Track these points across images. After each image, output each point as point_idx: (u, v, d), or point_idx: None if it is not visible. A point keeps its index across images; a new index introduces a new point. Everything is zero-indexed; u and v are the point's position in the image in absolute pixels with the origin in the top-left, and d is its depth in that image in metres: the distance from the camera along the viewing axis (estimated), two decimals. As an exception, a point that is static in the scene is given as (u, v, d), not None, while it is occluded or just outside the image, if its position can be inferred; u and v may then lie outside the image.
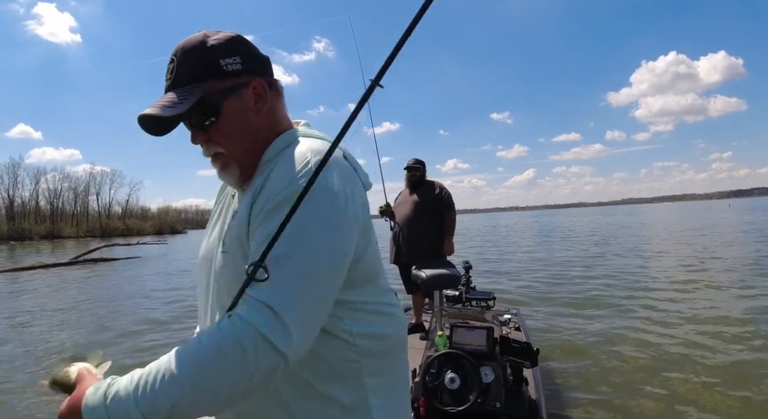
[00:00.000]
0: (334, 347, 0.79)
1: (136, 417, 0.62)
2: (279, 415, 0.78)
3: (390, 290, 0.91)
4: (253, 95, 0.83)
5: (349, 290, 0.79)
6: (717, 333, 4.70)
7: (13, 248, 38.81)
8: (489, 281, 8.73)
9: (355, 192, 0.78)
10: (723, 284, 7.25)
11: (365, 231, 0.81)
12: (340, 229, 0.73)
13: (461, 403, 2.28)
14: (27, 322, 7.21)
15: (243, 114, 0.83)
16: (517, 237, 24.30)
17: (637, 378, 3.68)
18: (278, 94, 0.89)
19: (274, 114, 0.87)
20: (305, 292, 0.68)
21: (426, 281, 3.04)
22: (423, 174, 4.47)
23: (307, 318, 0.68)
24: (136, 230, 77.82)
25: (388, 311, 0.86)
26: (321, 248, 0.70)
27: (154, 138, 0.89)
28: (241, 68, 0.82)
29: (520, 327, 3.61)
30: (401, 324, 0.91)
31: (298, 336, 0.66)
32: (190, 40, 0.81)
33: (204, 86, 0.79)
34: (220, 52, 0.80)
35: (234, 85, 0.81)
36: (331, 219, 0.72)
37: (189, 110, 0.78)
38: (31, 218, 70.60)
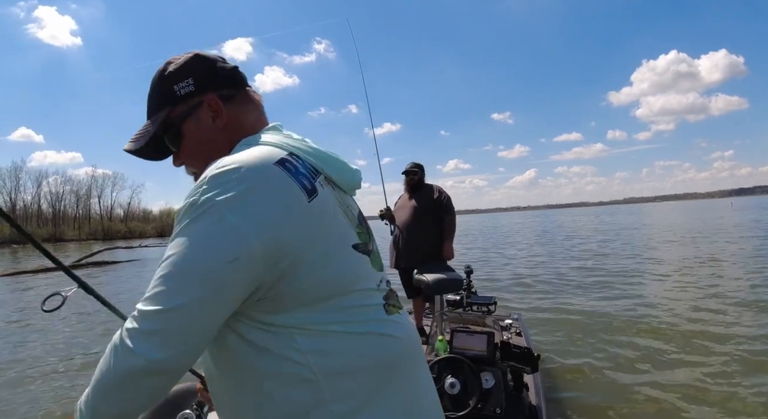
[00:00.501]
0: (281, 363, 0.74)
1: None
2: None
3: (374, 306, 0.82)
4: (210, 113, 0.86)
5: (299, 311, 0.73)
6: (723, 339, 4.64)
7: (16, 251, 38.86)
8: (490, 285, 8.72)
9: (266, 207, 0.70)
10: (731, 288, 7.16)
11: (292, 246, 0.72)
12: (219, 246, 0.68)
13: (461, 408, 2.27)
14: (28, 323, 7.22)
15: (201, 133, 0.87)
16: (518, 238, 24.26)
17: (640, 384, 3.66)
18: (245, 104, 0.89)
19: (236, 125, 0.87)
20: (164, 299, 0.67)
21: (428, 285, 3.03)
22: (421, 178, 4.46)
23: (171, 319, 0.67)
24: (138, 232, 77.94)
25: (360, 330, 0.77)
26: (193, 261, 0.68)
27: (169, 154, 0.92)
28: (194, 89, 0.86)
29: (521, 332, 3.60)
30: (384, 342, 0.80)
31: (154, 335, 0.66)
32: (156, 72, 0.89)
33: (162, 114, 0.86)
34: (174, 78, 0.86)
35: (189, 107, 0.86)
36: (209, 235, 0.68)
37: (158, 137, 0.87)
38: (33, 221, 70.69)
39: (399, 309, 0.87)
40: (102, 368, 0.69)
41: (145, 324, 0.66)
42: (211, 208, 0.68)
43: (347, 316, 0.76)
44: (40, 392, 4.24)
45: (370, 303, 0.80)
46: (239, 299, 0.71)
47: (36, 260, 23.31)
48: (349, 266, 0.79)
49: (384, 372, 0.78)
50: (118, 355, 0.67)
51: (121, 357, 0.67)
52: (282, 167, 0.74)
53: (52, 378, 4.61)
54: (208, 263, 0.68)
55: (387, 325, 0.81)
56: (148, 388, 0.69)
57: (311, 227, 0.73)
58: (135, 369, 0.66)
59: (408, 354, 0.83)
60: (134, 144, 0.87)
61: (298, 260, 0.72)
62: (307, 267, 0.73)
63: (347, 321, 0.76)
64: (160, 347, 0.66)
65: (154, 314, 0.66)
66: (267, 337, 0.74)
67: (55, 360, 5.28)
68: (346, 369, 0.75)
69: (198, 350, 0.71)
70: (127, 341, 0.66)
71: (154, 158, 0.92)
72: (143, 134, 0.87)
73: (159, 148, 0.90)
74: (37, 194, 74.88)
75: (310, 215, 0.74)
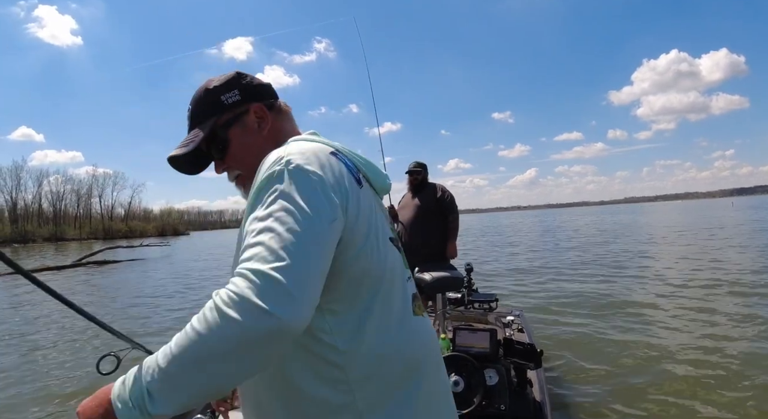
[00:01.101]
0: (314, 353, 0.76)
1: (143, 395, 0.62)
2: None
3: (404, 301, 0.85)
4: (256, 119, 0.94)
5: (339, 293, 0.76)
6: (729, 337, 4.62)
7: (17, 251, 38.95)
8: (491, 283, 8.72)
9: (338, 183, 0.76)
10: (737, 287, 7.10)
11: (356, 228, 0.77)
12: (317, 205, 0.71)
13: (465, 406, 2.27)
14: (31, 323, 7.23)
15: (247, 137, 0.93)
16: (519, 237, 24.28)
17: (643, 379, 3.66)
18: (282, 113, 0.98)
19: (278, 131, 0.95)
20: (291, 256, 0.64)
21: (429, 283, 3.03)
22: (425, 177, 4.47)
23: (294, 276, 0.63)
24: (139, 231, 78.09)
25: (393, 327, 0.81)
26: (300, 221, 0.68)
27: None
28: (240, 99, 0.93)
29: (524, 328, 3.60)
30: (411, 342, 0.83)
31: (285, 294, 0.61)
32: (198, 89, 0.96)
33: (210, 122, 0.92)
34: (220, 90, 0.93)
35: (235, 115, 0.93)
36: (307, 196, 0.71)
37: (205, 145, 0.93)
38: (34, 220, 70.88)
39: (423, 312, 0.92)
40: (209, 325, 0.61)
41: (270, 283, 0.61)
42: (299, 176, 0.73)
43: (381, 307, 0.80)
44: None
45: (403, 297, 0.86)
46: (329, 264, 0.73)
47: (37, 260, 23.37)
48: (388, 256, 0.85)
49: (409, 372, 0.81)
50: (241, 315, 0.59)
51: (248, 318, 0.59)
52: (335, 157, 0.82)
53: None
54: (316, 224, 0.70)
55: (414, 325, 0.85)
56: (274, 351, 0.63)
57: (361, 209, 0.80)
58: (270, 330, 0.60)
59: (429, 355, 0.87)
60: (184, 149, 0.92)
61: (353, 238, 0.78)
62: (358, 244, 0.78)
63: (380, 313, 0.79)
64: (294, 306, 0.61)
65: (278, 272, 0.62)
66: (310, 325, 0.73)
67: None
68: (373, 367, 0.77)
69: (312, 313, 0.66)
70: (255, 300, 0.60)
71: (192, 171, 0.99)
72: (192, 139, 0.92)
73: (199, 160, 0.97)
74: (37, 194, 75.11)
75: (360, 199, 0.81)
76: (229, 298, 0.61)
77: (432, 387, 0.86)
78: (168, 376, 0.62)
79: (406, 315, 0.85)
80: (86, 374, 4.53)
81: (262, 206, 0.71)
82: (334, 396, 0.75)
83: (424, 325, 0.89)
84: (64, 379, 4.50)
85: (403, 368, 0.80)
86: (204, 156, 0.97)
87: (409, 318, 0.85)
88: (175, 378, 0.62)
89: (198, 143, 0.91)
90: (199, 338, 0.61)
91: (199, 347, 0.61)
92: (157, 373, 0.62)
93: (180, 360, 0.61)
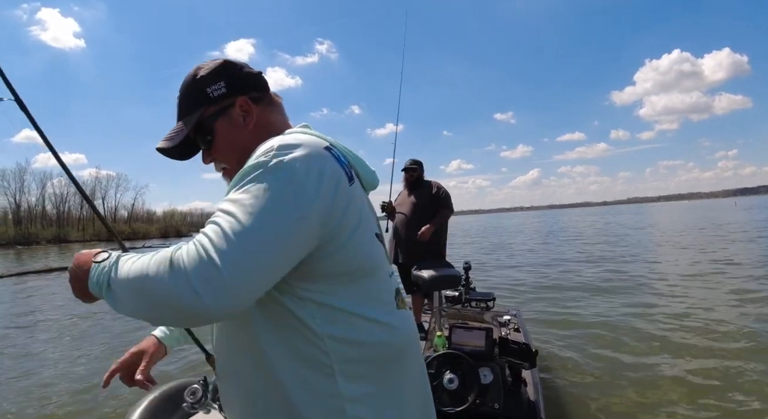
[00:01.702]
0: (300, 341, 0.78)
1: (103, 280, 0.75)
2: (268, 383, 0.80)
3: (388, 294, 0.88)
4: (241, 113, 0.93)
5: (326, 284, 0.79)
6: (731, 339, 4.60)
7: (21, 253, 39.08)
8: (489, 282, 8.73)
9: (325, 176, 0.77)
10: (736, 287, 7.10)
11: (341, 222, 0.79)
12: (290, 201, 0.72)
13: (460, 404, 2.29)
14: (34, 324, 7.28)
15: (232, 131, 0.94)
16: (520, 238, 24.24)
17: (639, 381, 3.68)
18: (271, 106, 0.98)
19: (266, 124, 0.95)
20: (241, 246, 0.67)
21: (426, 281, 3.05)
22: (420, 174, 4.48)
23: (239, 272, 0.67)
24: (142, 233, 78.06)
25: (378, 318, 0.83)
26: (266, 212, 0.70)
27: (159, 140, 0.97)
28: (226, 92, 0.93)
29: (520, 328, 3.62)
30: (395, 333, 0.86)
31: (218, 282, 0.65)
32: (186, 77, 0.95)
33: (196, 114, 0.93)
34: (206, 82, 0.93)
35: (221, 107, 0.93)
36: (282, 189, 0.72)
37: (192, 135, 0.94)
38: (37, 222, 70.99)
39: (406, 307, 0.94)
40: (158, 271, 0.68)
41: (209, 266, 0.65)
42: (282, 168, 0.74)
43: (367, 299, 0.83)
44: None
45: (387, 290, 0.89)
46: (293, 260, 0.75)
47: (41, 260, 23.45)
48: (374, 251, 0.87)
49: (389, 362, 0.85)
50: (175, 283, 0.66)
51: (178, 288, 0.66)
52: (329, 151, 0.82)
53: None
54: (281, 217, 0.72)
55: (397, 317, 0.88)
56: (180, 319, 0.72)
57: (350, 206, 0.81)
58: (185, 303, 0.66)
59: (410, 348, 0.91)
60: (169, 142, 0.94)
61: (340, 233, 0.79)
62: (345, 241, 0.80)
63: (365, 304, 0.83)
64: (221, 296, 0.66)
65: (221, 258, 0.66)
66: (292, 305, 0.78)
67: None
68: (358, 356, 0.80)
69: (245, 306, 0.71)
70: (192, 277, 0.65)
71: (181, 158, 0.99)
72: (177, 133, 0.94)
73: (187, 148, 0.97)
74: (41, 196, 75.10)
75: (350, 196, 0.82)
76: (179, 260, 0.68)
77: (412, 378, 0.90)
78: (120, 283, 0.73)
79: (391, 308, 0.88)
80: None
81: (238, 189, 0.74)
82: (320, 384, 0.78)
83: (407, 319, 0.91)
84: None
85: (386, 358, 0.84)
86: (193, 144, 0.97)
87: (393, 311, 0.88)
88: (123, 290, 0.73)
89: (183, 137, 0.93)
90: (147, 275, 0.70)
91: (142, 281, 0.70)
92: (117, 276, 0.73)
93: (129, 281, 0.72)
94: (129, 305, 0.73)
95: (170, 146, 0.93)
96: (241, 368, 0.84)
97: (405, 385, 0.88)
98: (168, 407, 1.42)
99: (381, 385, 0.83)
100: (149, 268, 0.69)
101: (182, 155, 0.99)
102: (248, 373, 0.82)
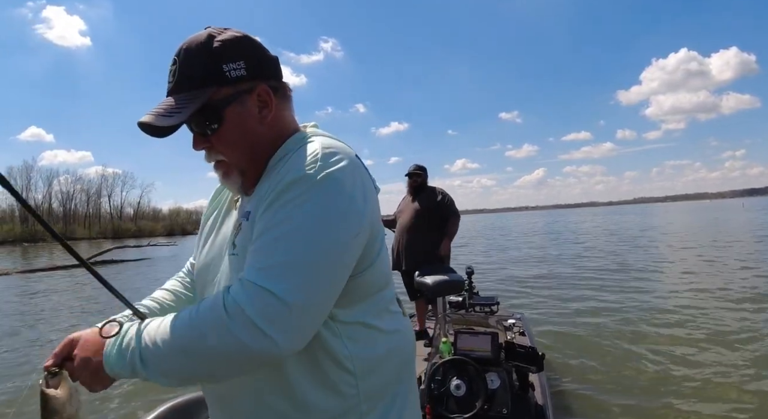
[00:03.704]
0: (326, 362, 0.75)
1: (136, 358, 0.66)
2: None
3: (395, 303, 0.88)
4: (258, 102, 0.79)
5: (356, 301, 0.77)
6: (737, 344, 4.52)
7: (27, 250, 39.34)
8: (492, 286, 8.68)
9: (366, 188, 0.74)
10: (751, 291, 6.94)
11: (374, 235, 0.76)
12: (346, 219, 0.69)
13: (468, 410, 2.27)
14: (38, 323, 7.31)
15: (245, 122, 0.79)
16: (521, 238, 24.17)
17: (646, 383, 3.64)
18: (285, 99, 0.86)
19: (280, 120, 0.83)
20: (304, 278, 0.64)
21: (429, 287, 3.03)
22: (424, 180, 4.47)
23: (306, 307, 0.64)
24: (148, 231, 78.44)
25: (393, 328, 0.83)
26: (324, 235, 0.66)
27: (165, 141, 0.91)
28: (245, 74, 0.77)
29: (525, 331, 3.59)
30: (407, 339, 0.87)
31: (286, 322, 0.62)
32: (194, 41, 0.77)
33: (205, 93, 0.75)
34: (223, 57, 0.76)
35: (236, 92, 0.77)
36: (337, 207, 0.68)
37: (192, 116, 0.75)
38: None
39: (406, 312, 0.96)
40: (208, 325, 0.63)
41: (275, 307, 0.62)
42: (332, 183, 0.69)
43: (383, 310, 0.82)
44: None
45: (394, 299, 0.88)
46: (347, 279, 0.72)
47: (47, 258, 23.60)
48: (387, 263, 0.85)
49: (402, 369, 0.85)
50: (241, 333, 0.61)
51: (246, 337, 0.61)
52: (359, 160, 0.79)
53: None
54: (340, 239, 0.68)
55: (405, 324, 0.89)
56: (247, 367, 0.66)
57: (378, 219, 0.79)
58: (255, 349, 0.62)
59: (414, 353, 0.92)
60: (163, 120, 0.74)
61: (373, 243, 0.77)
62: (375, 252, 0.78)
63: (382, 316, 0.82)
64: (292, 334, 0.63)
65: (287, 298, 0.62)
66: (325, 335, 0.74)
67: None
68: (378, 368, 0.79)
69: (314, 333, 0.68)
70: (258, 321, 0.61)
71: (162, 135, 0.78)
72: (177, 110, 0.74)
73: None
74: (47, 193, 75.77)
75: (377, 208, 0.80)
76: (234, 309, 0.62)
77: (414, 382, 0.91)
78: (158, 353, 0.65)
79: (399, 316, 0.87)
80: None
81: (286, 207, 0.68)
82: (341, 401, 0.75)
83: (410, 325, 0.92)
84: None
85: (399, 366, 0.83)
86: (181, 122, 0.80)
87: (401, 318, 0.87)
88: (164, 359, 0.65)
89: (185, 117, 0.74)
90: (197, 335, 0.63)
91: (194, 343, 0.64)
92: (151, 345, 0.65)
93: (171, 347, 0.65)
94: (178, 371, 0.66)
95: (165, 125, 0.73)
96: (257, 387, 0.77)
97: (412, 387, 0.89)
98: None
99: (395, 392, 0.82)
100: (193, 324, 0.64)
101: (162, 132, 0.77)
102: (266, 392, 0.76)
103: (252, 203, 0.78)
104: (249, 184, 0.83)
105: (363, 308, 0.78)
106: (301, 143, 0.78)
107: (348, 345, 0.75)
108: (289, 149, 0.79)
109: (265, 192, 0.74)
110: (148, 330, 0.67)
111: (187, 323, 0.65)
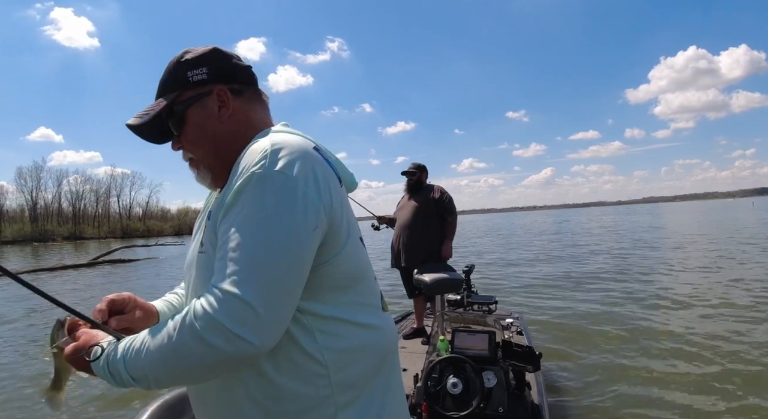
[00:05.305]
0: (297, 354, 0.77)
1: (126, 378, 0.71)
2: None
3: (375, 297, 0.88)
4: (217, 102, 0.88)
5: (323, 294, 0.78)
6: (738, 347, 4.47)
7: (37, 249, 39.76)
8: (490, 284, 8.66)
9: (321, 180, 0.76)
10: (746, 291, 6.96)
11: (337, 226, 0.78)
12: (301, 214, 0.71)
13: (464, 408, 2.29)
14: (42, 323, 7.40)
15: (204, 121, 0.88)
16: (527, 238, 24.07)
17: (643, 383, 3.64)
18: (254, 102, 0.93)
19: (244, 120, 0.90)
20: (267, 279, 0.68)
21: (428, 285, 3.05)
22: (420, 178, 4.46)
23: (273, 305, 0.68)
24: (156, 230, 78.91)
25: (369, 323, 0.83)
26: (280, 234, 0.69)
27: (169, 139, 0.94)
28: (206, 78, 0.88)
29: (522, 331, 3.61)
30: (384, 335, 0.87)
31: (256, 320, 0.66)
32: (172, 59, 0.91)
33: (171, 96, 0.88)
34: (189, 65, 0.88)
35: (197, 93, 0.88)
36: (290, 204, 0.71)
37: (160, 118, 0.88)
38: (53, 219, 72.14)
39: (388, 308, 0.94)
40: (184, 334, 0.67)
41: (242, 309, 0.66)
42: (280, 177, 0.72)
43: (358, 304, 0.83)
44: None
45: (374, 294, 0.89)
46: (308, 271, 0.75)
47: (56, 258, 23.84)
48: (363, 255, 0.87)
49: (380, 365, 0.85)
50: (215, 340, 0.65)
51: (221, 343, 0.65)
52: (317, 152, 0.80)
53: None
54: (296, 235, 0.71)
55: (384, 319, 0.89)
56: (225, 368, 0.70)
57: (342, 209, 0.80)
58: (229, 351, 0.66)
59: (393, 349, 0.92)
60: (139, 119, 0.88)
61: (336, 236, 0.78)
62: (340, 245, 0.79)
63: (358, 310, 0.83)
64: (264, 331, 0.67)
65: (251, 298, 0.66)
66: (293, 328, 0.76)
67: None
68: (353, 363, 0.80)
69: (285, 329, 0.72)
70: (229, 325, 0.65)
71: (154, 140, 0.93)
72: (149, 112, 0.88)
73: (162, 131, 0.91)
74: (57, 193, 76.38)
75: (342, 198, 0.81)
76: (204, 319, 0.67)
77: (396, 378, 0.91)
78: (140, 368, 0.70)
79: (378, 311, 0.88)
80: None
81: (242, 211, 0.71)
82: (314, 391, 0.77)
83: (390, 321, 0.92)
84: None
85: (377, 361, 0.84)
86: (169, 128, 0.92)
87: (380, 314, 0.88)
88: (150, 372, 0.70)
89: (153, 116, 0.87)
90: (175, 347, 0.68)
91: (174, 356, 0.69)
92: (137, 365, 0.71)
93: (152, 358, 0.70)
94: (168, 382, 0.73)
95: (137, 124, 0.87)
96: (228, 381, 0.79)
97: (392, 384, 0.89)
98: (170, 417, 1.42)
99: (372, 387, 0.83)
100: (167, 337, 0.69)
101: (159, 136, 0.92)
102: (241, 384, 0.78)
103: (216, 203, 0.81)
104: (219, 181, 0.89)
105: (336, 302, 0.80)
106: (253, 141, 0.82)
107: (318, 337, 0.77)
108: (246, 147, 0.82)
109: (224, 193, 0.78)
110: (131, 349, 0.72)
111: (166, 339, 0.69)
